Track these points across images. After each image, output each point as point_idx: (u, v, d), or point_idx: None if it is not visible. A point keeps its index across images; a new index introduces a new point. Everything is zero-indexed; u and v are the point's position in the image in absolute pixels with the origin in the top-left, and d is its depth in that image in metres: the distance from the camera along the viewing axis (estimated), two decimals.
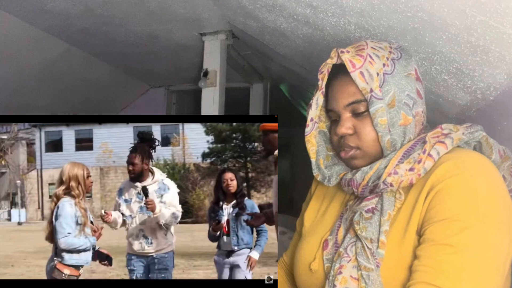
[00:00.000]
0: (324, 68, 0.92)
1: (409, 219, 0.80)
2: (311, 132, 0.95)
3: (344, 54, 0.87)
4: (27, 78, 2.84)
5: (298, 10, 1.52)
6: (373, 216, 0.83)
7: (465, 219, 0.74)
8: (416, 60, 1.05)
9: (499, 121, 1.12)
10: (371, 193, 0.86)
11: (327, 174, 0.96)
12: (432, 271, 0.72)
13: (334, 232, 0.90)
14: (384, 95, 0.85)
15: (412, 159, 0.83)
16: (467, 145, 0.86)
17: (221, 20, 2.39)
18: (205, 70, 2.55)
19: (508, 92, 1.09)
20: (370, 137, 0.87)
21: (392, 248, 0.80)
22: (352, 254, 0.83)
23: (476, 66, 1.09)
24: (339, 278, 0.81)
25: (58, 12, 2.26)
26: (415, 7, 1.05)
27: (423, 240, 0.76)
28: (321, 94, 0.93)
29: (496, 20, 0.91)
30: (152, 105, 3.85)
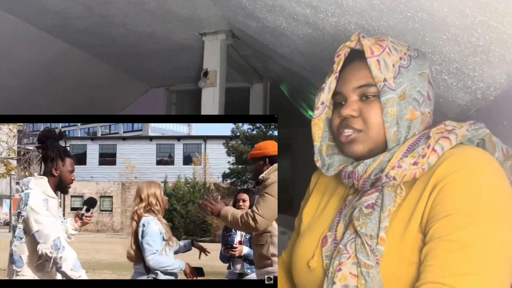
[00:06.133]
0: (342, 52, 0.91)
1: (411, 215, 0.79)
2: (320, 116, 0.93)
3: (365, 39, 0.87)
4: (27, 78, 2.84)
5: (298, 10, 1.52)
6: (373, 212, 0.82)
7: (470, 214, 0.73)
8: None
9: (499, 121, 1.11)
10: (372, 186, 0.85)
11: (327, 161, 0.94)
12: (439, 270, 0.71)
13: (333, 228, 0.89)
14: (397, 87, 0.85)
15: (416, 153, 0.82)
16: (470, 142, 0.86)
17: (221, 20, 2.39)
18: (205, 70, 2.55)
19: (508, 92, 1.09)
20: (375, 121, 0.86)
21: (391, 245, 0.79)
22: (351, 250, 0.82)
23: (476, 66, 1.09)
24: (339, 275, 0.80)
25: (58, 12, 2.26)
26: (415, 7, 1.05)
27: (429, 238, 0.75)
28: (335, 79, 0.91)
29: (496, 20, 0.91)
30: (152, 105, 3.84)
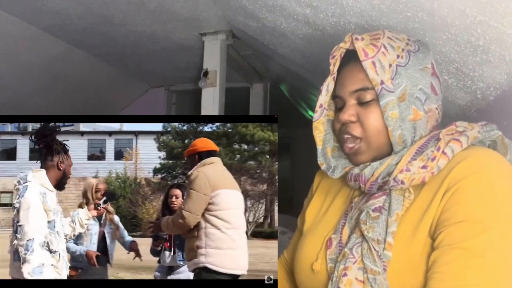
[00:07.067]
0: (337, 53, 0.89)
1: (421, 220, 0.76)
2: (319, 119, 0.91)
3: (358, 41, 0.84)
4: (27, 78, 2.84)
5: (298, 10, 1.52)
6: (380, 216, 0.79)
7: (483, 220, 0.70)
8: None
9: (499, 121, 1.11)
10: (379, 190, 0.82)
11: (332, 164, 0.92)
12: (449, 278, 0.68)
13: (338, 230, 0.86)
14: (395, 88, 0.82)
15: (425, 156, 0.79)
16: (481, 143, 0.83)
17: (221, 20, 2.39)
18: (205, 70, 2.55)
19: (508, 92, 1.09)
20: (374, 127, 0.83)
21: (399, 250, 0.76)
22: (357, 255, 0.79)
23: (476, 66, 1.09)
24: (344, 280, 0.78)
25: (58, 12, 2.26)
26: (415, 7, 1.05)
27: (438, 243, 0.72)
28: (332, 80, 0.89)
29: (496, 20, 0.91)
30: (152, 105, 3.84)
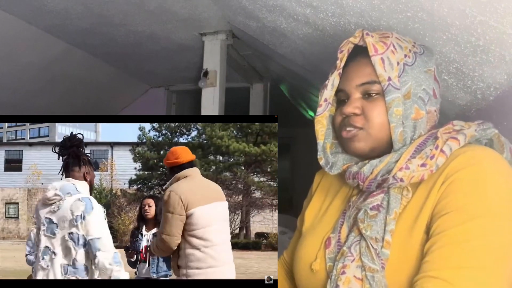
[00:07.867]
0: (345, 48, 0.89)
1: (417, 217, 0.78)
2: (323, 113, 0.91)
3: (369, 37, 0.86)
4: (27, 78, 2.84)
5: (298, 10, 1.52)
6: (378, 214, 0.80)
7: (472, 210, 0.72)
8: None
9: (499, 121, 1.11)
10: (378, 188, 0.83)
11: (331, 160, 0.92)
12: (436, 263, 0.71)
13: (337, 230, 0.87)
14: (402, 86, 0.84)
15: (424, 155, 0.80)
16: (478, 142, 0.85)
17: (221, 20, 2.39)
18: (205, 70, 2.55)
19: (508, 92, 1.09)
20: (378, 120, 0.85)
21: (397, 247, 0.77)
22: (356, 253, 0.80)
23: (476, 66, 1.09)
24: (343, 278, 0.79)
25: (58, 12, 2.26)
26: (415, 7, 1.05)
27: (431, 233, 0.74)
28: (338, 75, 0.90)
29: (496, 20, 0.91)
30: (152, 105, 3.85)
